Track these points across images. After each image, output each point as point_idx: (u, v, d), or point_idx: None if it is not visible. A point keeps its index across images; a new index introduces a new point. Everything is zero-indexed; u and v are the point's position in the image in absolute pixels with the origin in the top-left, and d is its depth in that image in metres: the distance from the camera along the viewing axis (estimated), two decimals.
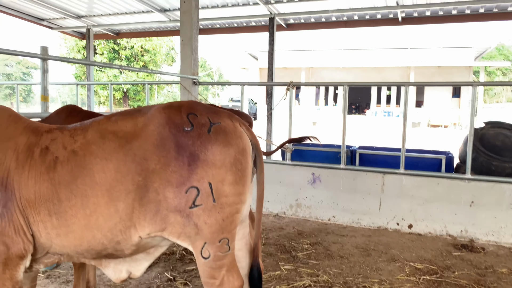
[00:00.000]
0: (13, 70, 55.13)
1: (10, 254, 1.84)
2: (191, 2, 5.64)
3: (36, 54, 3.45)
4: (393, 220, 4.96)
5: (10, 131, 1.95)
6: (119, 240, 1.86)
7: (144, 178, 1.81)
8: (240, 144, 1.91)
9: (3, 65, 54.00)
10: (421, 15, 8.64)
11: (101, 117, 1.99)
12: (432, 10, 8.29)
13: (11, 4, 9.87)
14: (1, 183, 1.84)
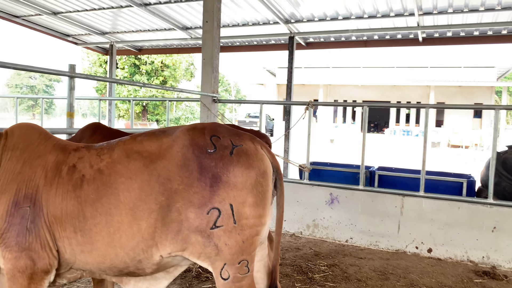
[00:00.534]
0: (36, 82, 56.72)
1: (36, 269, 1.89)
2: (213, 22, 5.76)
3: (64, 72, 3.57)
4: (412, 243, 4.87)
5: (40, 149, 2.02)
6: (141, 259, 1.89)
7: (167, 198, 1.84)
8: (262, 166, 1.93)
9: (28, 77, 55.67)
10: (442, 36, 8.60)
11: (127, 137, 2.04)
12: (454, 31, 8.26)
13: (40, 21, 10.25)
14: (30, 199, 1.90)
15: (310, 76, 30.20)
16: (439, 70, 28.60)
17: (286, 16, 8.48)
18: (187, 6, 8.35)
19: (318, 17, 8.41)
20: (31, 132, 2.07)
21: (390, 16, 7.84)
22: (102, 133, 2.91)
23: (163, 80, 32.79)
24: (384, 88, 29.64)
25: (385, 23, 8.27)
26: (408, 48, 12.90)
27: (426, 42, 8.75)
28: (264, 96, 34.36)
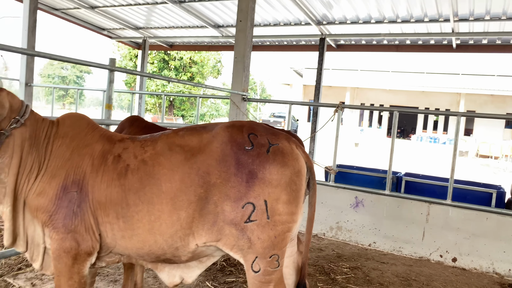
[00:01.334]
0: (68, 73, 58.23)
1: (80, 250, 2.01)
2: (247, 22, 5.85)
3: (105, 66, 3.72)
4: (436, 251, 4.83)
5: (88, 138, 2.14)
6: (178, 246, 1.99)
7: (205, 191, 1.93)
8: (296, 165, 1.99)
9: (60, 68, 57.27)
10: (477, 43, 8.45)
11: (169, 131, 2.14)
12: (490, 38, 8.10)
13: (77, 14, 10.60)
14: (78, 184, 2.02)
15: (337, 78, 29.94)
16: (470, 77, 27.87)
17: (318, 17, 8.50)
18: (221, 4, 8.48)
19: (351, 20, 8.39)
20: (80, 122, 2.20)
21: (424, 21, 7.75)
22: (139, 126, 3.04)
23: (191, 76, 33.19)
24: (412, 94, 29.13)
25: (419, 28, 8.19)
26: (439, 54, 12.68)
27: (460, 49, 8.61)
28: (290, 97, 34.32)
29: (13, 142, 2.02)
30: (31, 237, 2.14)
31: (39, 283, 3.41)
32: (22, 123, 2.04)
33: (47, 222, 2.02)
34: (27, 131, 2.06)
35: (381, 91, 29.75)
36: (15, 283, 3.37)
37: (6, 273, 3.52)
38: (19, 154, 2.04)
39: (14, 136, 2.03)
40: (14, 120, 2.03)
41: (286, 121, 5.56)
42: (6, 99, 2.02)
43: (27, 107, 2.12)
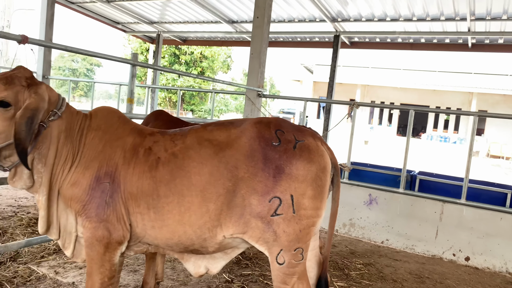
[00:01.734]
0: (78, 66, 58.62)
1: (111, 239, 2.08)
2: (264, 18, 5.89)
3: (127, 60, 3.80)
4: (449, 250, 4.86)
5: (119, 131, 2.21)
6: (206, 237, 2.05)
7: (233, 184, 1.99)
8: (322, 162, 2.05)
9: (70, 60, 57.62)
10: (492, 43, 8.39)
11: (198, 126, 2.21)
12: (506, 38, 8.04)
13: (93, 7, 10.70)
14: (110, 176, 2.09)
15: (348, 75, 29.81)
16: (482, 76, 27.60)
17: (333, 14, 8.50)
18: (237, 0, 8.51)
19: (366, 17, 8.38)
20: (112, 116, 2.27)
21: (440, 20, 7.72)
22: (163, 120, 3.11)
23: (201, 71, 33.29)
24: (423, 92, 28.94)
25: (434, 27, 8.16)
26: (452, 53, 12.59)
27: (476, 48, 8.56)
28: (300, 93, 34.27)
29: (50, 134, 2.10)
30: (63, 226, 2.22)
31: (62, 271, 3.51)
32: (59, 115, 2.12)
33: (80, 212, 2.10)
34: (63, 124, 2.14)
35: (392, 89, 29.60)
36: (39, 270, 3.47)
37: (30, 261, 3.63)
38: (55, 146, 2.11)
39: (52, 128, 2.10)
40: (52, 113, 2.10)
41: (304, 118, 5.59)
42: (46, 92, 2.09)
43: (63, 100, 2.19)
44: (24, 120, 1.94)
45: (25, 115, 1.95)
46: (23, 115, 1.95)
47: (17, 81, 2.05)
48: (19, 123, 1.93)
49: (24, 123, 1.94)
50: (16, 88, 2.02)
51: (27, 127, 1.94)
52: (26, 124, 1.94)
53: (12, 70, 2.11)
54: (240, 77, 54.37)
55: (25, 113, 1.96)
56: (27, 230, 4.36)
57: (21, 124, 1.93)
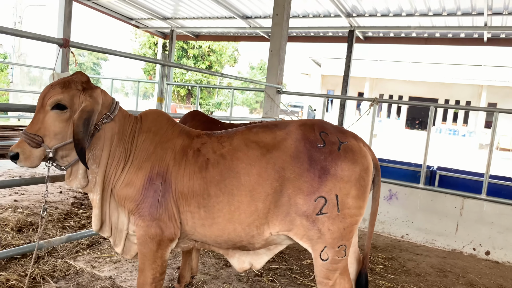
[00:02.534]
0: (84, 60, 58.78)
1: (163, 237, 2.19)
2: (283, 15, 5.94)
3: (158, 61, 3.89)
4: (469, 244, 4.94)
5: (169, 133, 2.31)
6: (254, 234, 2.16)
7: (280, 184, 2.09)
8: (365, 162, 2.13)
9: (77, 54, 57.73)
10: (508, 37, 8.38)
11: (243, 128, 2.30)
12: None
13: (107, 4, 10.78)
14: (162, 176, 2.19)
15: (356, 69, 29.63)
16: (492, 69, 27.42)
17: (348, 9, 8.52)
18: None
19: (381, 12, 8.40)
20: (161, 118, 2.37)
21: (457, 15, 7.72)
22: (200, 120, 3.21)
23: (209, 65, 33.34)
24: (432, 85, 28.82)
25: (450, 22, 8.16)
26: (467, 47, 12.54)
27: (491, 42, 8.56)
28: (308, 86, 34.24)
29: (104, 135, 2.21)
30: (114, 224, 2.34)
31: (97, 265, 3.64)
32: (112, 118, 2.22)
33: (133, 210, 2.21)
34: (116, 126, 2.24)
35: (401, 82, 29.50)
36: (76, 264, 3.60)
37: (66, 256, 3.76)
38: (108, 147, 2.22)
39: (105, 130, 2.21)
40: (105, 116, 2.21)
41: (323, 114, 5.66)
42: (100, 96, 2.20)
43: (117, 104, 2.29)
44: (82, 121, 2.06)
45: (82, 116, 2.07)
46: (80, 116, 2.07)
47: (73, 85, 2.17)
48: (77, 124, 2.05)
49: (81, 124, 2.05)
50: (72, 92, 2.15)
51: (84, 128, 2.06)
52: (83, 125, 2.06)
53: (71, 75, 2.22)
54: (246, 70, 54.33)
55: (82, 115, 2.07)
56: (59, 226, 4.49)
57: (79, 125, 2.05)
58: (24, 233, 4.14)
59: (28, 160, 2.11)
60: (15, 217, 4.49)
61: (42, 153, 2.12)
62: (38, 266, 3.42)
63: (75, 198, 5.58)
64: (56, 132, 2.13)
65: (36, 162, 2.13)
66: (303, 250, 4.43)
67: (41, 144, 2.10)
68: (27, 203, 5.15)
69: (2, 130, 8.82)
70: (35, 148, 2.10)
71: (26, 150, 2.09)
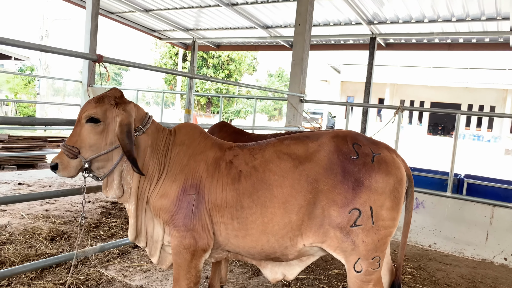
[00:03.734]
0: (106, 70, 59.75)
1: (197, 247, 2.24)
2: (305, 25, 5.99)
3: (186, 73, 3.98)
4: (500, 254, 4.83)
5: (201, 146, 2.36)
6: (287, 245, 2.18)
7: (314, 196, 2.10)
8: (399, 174, 2.13)
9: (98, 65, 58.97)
10: None
11: (274, 140, 2.33)
12: None
13: (131, 17, 11.06)
14: (195, 188, 2.24)
15: (377, 75, 29.29)
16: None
17: (369, 17, 8.51)
18: (273, 6, 8.64)
19: (403, 19, 8.35)
20: (194, 131, 2.43)
21: (481, 20, 7.61)
22: (227, 131, 3.27)
23: (228, 74, 33.63)
24: (454, 90, 28.30)
25: (474, 27, 8.05)
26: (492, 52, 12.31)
27: None
28: (328, 93, 34.11)
29: (137, 148, 2.28)
30: (150, 234, 2.40)
31: (128, 274, 3.71)
32: (144, 131, 2.30)
33: (168, 221, 2.26)
34: (149, 139, 2.32)
35: (422, 87, 29.08)
36: (107, 273, 3.68)
37: (98, 265, 3.85)
38: (142, 159, 2.30)
39: (138, 143, 2.29)
40: (137, 129, 2.29)
41: (347, 123, 5.65)
42: (133, 110, 2.29)
43: (150, 117, 2.37)
44: (125, 134, 2.17)
45: (123, 130, 2.17)
46: (122, 130, 2.17)
47: (106, 100, 2.28)
48: (121, 138, 2.16)
49: (125, 137, 2.16)
50: (105, 106, 2.25)
51: (129, 139, 2.17)
52: (127, 137, 2.17)
53: (107, 91, 2.32)
54: (264, 78, 54.49)
55: (123, 128, 2.18)
56: (89, 235, 4.60)
57: (124, 139, 2.16)
58: (57, 242, 4.25)
59: (66, 170, 2.24)
60: (47, 227, 4.64)
61: (78, 163, 2.25)
62: (72, 275, 3.51)
63: (103, 207, 5.71)
64: (91, 144, 2.25)
65: (73, 172, 2.26)
66: (330, 260, 4.41)
67: (78, 155, 2.22)
68: (58, 213, 5.30)
69: (30, 141, 9.10)
70: (72, 159, 2.23)
71: (64, 161, 2.23)
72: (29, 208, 5.40)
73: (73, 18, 42.02)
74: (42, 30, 18.58)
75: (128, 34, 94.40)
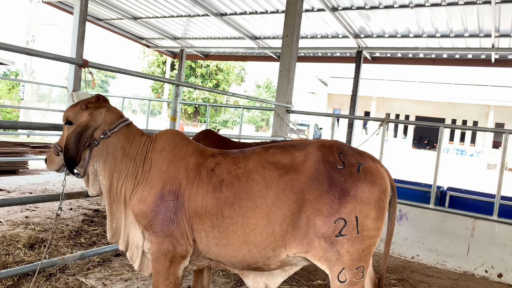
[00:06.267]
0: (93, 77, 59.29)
1: (176, 253, 2.21)
2: (293, 37, 6.05)
3: (172, 81, 3.97)
4: (481, 267, 4.88)
5: (182, 152, 2.35)
6: (270, 256, 2.16)
7: (299, 206, 2.09)
8: (383, 184, 2.15)
9: (86, 72, 58.47)
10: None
11: (259, 148, 2.32)
12: None
13: (119, 24, 11.02)
14: (174, 194, 2.22)
15: (363, 88, 29.76)
16: (499, 89, 27.42)
17: (356, 30, 8.64)
18: (261, 18, 8.71)
19: (389, 34, 8.50)
20: (176, 137, 2.42)
21: (464, 36, 7.80)
22: (212, 139, 3.25)
23: (216, 83, 33.68)
24: (439, 104, 28.84)
25: (457, 43, 8.24)
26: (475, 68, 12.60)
27: (499, 63, 8.61)
28: (314, 105, 34.39)
29: (106, 150, 2.37)
30: (131, 239, 2.37)
31: (109, 283, 3.64)
32: (109, 135, 2.37)
33: (147, 226, 2.25)
34: (119, 142, 2.39)
35: (407, 101, 29.56)
36: (87, 282, 3.60)
37: (78, 273, 3.77)
38: (111, 161, 2.37)
39: (107, 145, 2.37)
40: (103, 132, 2.37)
41: (332, 134, 5.69)
42: (102, 115, 2.38)
43: (123, 122, 2.43)
44: (74, 134, 2.28)
45: (75, 130, 2.29)
46: (74, 130, 2.30)
47: (79, 104, 2.41)
48: (69, 136, 2.29)
49: (73, 136, 2.28)
50: (76, 110, 2.40)
51: (75, 139, 2.28)
52: (75, 137, 2.28)
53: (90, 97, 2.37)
54: (252, 89, 54.72)
55: (76, 128, 2.30)
56: (70, 242, 4.51)
57: (70, 138, 2.28)
58: (36, 250, 4.16)
59: (50, 164, 2.49)
60: (26, 234, 4.53)
61: (60, 160, 2.44)
62: (50, 283, 3.43)
63: (85, 215, 5.61)
64: None
65: (55, 167, 2.49)
66: (313, 271, 4.40)
67: (59, 152, 2.42)
68: (38, 220, 5.19)
69: (11, 146, 8.93)
70: (56, 155, 2.45)
71: (51, 157, 2.49)
72: (9, 214, 5.27)
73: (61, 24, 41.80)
74: (28, 35, 18.36)
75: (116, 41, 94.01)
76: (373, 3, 7.20)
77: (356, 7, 7.46)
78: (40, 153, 9.47)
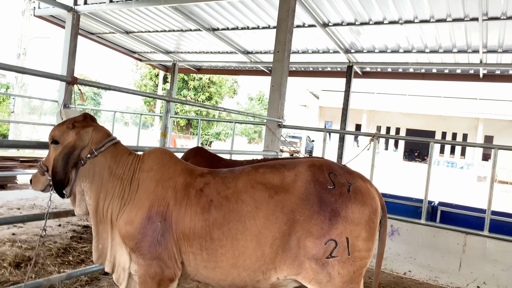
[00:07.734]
0: (85, 89, 59.36)
1: (163, 276, 2.17)
2: (284, 53, 6.08)
3: (163, 97, 3.95)
4: (473, 282, 4.87)
5: (171, 172, 2.32)
6: (260, 279, 2.13)
7: (289, 227, 2.07)
8: (374, 204, 2.14)
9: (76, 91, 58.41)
10: (504, 73, 8.57)
11: (249, 168, 2.30)
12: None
13: (112, 38, 11.03)
14: (162, 215, 2.19)
15: (354, 101, 29.84)
16: (489, 102, 27.79)
17: (347, 46, 8.73)
18: (253, 33, 8.77)
19: (379, 49, 8.60)
20: (164, 157, 2.39)
21: (453, 52, 7.91)
22: (203, 156, 3.23)
23: (209, 96, 33.71)
24: (429, 117, 29.10)
25: (446, 58, 8.35)
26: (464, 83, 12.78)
27: (487, 78, 8.74)
28: (306, 118, 34.53)
29: (92, 169, 2.32)
30: (118, 261, 2.33)
31: None
32: (96, 155, 2.32)
33: (134, 249, 2.20)
34: (106, 162, 2.34)
35: (398, 114, 29.80)
36: None
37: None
38: (97, 181, 2.31)
39: (94, 165, 2.32)
40: (90, 151, 2.32)
41: (323, 148, 5.70)
42: (89, 134, 2.33)
43: (110, 141, 2.39)
44: (61, 156, 2.23)
45: (62, 152, 2.25)
46: (61, 152, 2.25)
47: (66, 123, 2.36)
48: (56, 158, 2.24)
49: (61, 158, 2.23)
50: (62, 129, 2.35)
51: (63, 161, 2.23)
52: (62, 159, 2.23)
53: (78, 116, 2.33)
54: (245, 101, 54.87)
55: (63, 150, 2.26)
56: (57, 261, 4.42)
57: (58, 160, 2.23)
58: (22, 269, 4.07)
59: (35, 184, 2.43)
60: (13, 252, 4.44)
61: (45, 180, 2.38)
62: None
63: (74, 231, 5.52)
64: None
65: (40, 187, 2.43)
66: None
67: (45, 172, 2.35)
68: (25, 237, 5.09)
69: (1, 161, 8.81)
70: (41, 175, 2.39)
71: (36, 176, 2.43)
72: None
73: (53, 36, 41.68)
74: (20, 48, 18.29)
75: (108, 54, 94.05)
76: (363, 19, 7.30)
77: (346, 23, 7.55)
78: (30, 167, 9.34)
